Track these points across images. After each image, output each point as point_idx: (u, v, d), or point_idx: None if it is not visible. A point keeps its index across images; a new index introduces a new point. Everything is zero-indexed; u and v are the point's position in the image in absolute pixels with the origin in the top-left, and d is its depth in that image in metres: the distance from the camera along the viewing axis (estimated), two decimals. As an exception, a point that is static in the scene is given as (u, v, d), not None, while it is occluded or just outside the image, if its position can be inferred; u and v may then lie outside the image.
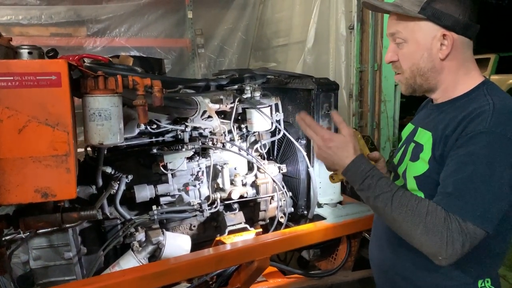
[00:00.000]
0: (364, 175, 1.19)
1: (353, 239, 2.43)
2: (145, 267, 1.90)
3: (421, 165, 1.26)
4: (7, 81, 1.36)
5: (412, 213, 1.11)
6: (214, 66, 4.95)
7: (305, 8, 4.13)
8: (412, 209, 1.12)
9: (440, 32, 1.21)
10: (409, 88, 1.32)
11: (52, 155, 1.44)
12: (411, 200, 1.13)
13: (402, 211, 1.13)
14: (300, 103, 2.45)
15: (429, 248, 1.10)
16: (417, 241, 1.12)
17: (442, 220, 1.08)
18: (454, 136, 1.16)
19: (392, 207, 1.14)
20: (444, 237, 1.07)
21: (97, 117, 1.60)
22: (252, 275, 2.08)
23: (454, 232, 1.06)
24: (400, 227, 1.15)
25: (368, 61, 3.36)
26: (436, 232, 1.07)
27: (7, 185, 1.39)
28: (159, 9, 4.65)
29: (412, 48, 1.25)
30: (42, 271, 1.93)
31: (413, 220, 1.11)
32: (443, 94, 1.30)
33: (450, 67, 1.25)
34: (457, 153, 1.14)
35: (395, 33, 1.27)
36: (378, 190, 1.17)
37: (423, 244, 1.11)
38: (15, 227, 1.58)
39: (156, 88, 1.74)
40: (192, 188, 2.25)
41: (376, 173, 1.20)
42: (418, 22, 1.23)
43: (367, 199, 1.21)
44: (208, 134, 2.32)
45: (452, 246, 1.06)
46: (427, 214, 1.10)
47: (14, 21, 4.07)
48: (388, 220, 1.18)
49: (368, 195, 1.19)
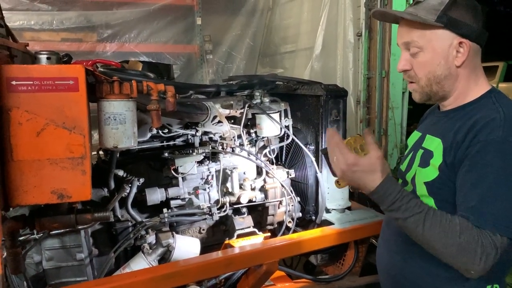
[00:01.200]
0: (393, 198, 1.19)
1: (360, 245, 2.45)
2: (156, 269, 1.93)
3: (432, 171, 1.27)
4: (27, 86, 1.40)
5: (445, 234, 1.14)
6: (222, 72, 4.99)
7: (313, 15, 4.16)
8: (445, 229, 1.14)
9: (457, 40, 1.23)
10: (424, 96, 1.33)
11: (68, 157, 1.47)
12: (442, 220, 1.16)
13: (435, 232, 1.15)
14: (308, 109, 2.48)
15: (463, 265, 1.14)
16: (450, 259, 1.15)
17: (476, 238, 1.10)
18: (465, 143, 1.18)
19: (424, 228, 1.16)
20: (478, 254, 1.10)
21: (112, 121, 1.64)
22: (260, 279, 2.10)
23: (487, 247, 1.09)
24: (433, 247, 1.18)
25: (376, 68, 3.39)
26: (471, 250, 1.10)
27: (25, 186, 1.42)
28: (168, 15, 4.70)
29: (428, 56, 1.27)
30: (54, 272, 1.97)
31: (447, 241, 1.14)
32: (454, 101, 1.32)
33: (463, 74, 1.28)
34: (471, 163, 1.16)
35: (410, 42, 1.29)
36: (408, 212, 1.18)
37: (457, 262, 1.14)
38: (30, 228, 1.61)
39: (169, 93, 1.77)
40: (202, 191, 2.28)
41: (405, 194, 1.20)
42: (434, 31, 1.24)
43: (397, 220, 1.22)
44: (218, 139, 2.36)
45: (486, 261, 1.10)
46: (461, 233, 1.12)
47: (26, 26, 4.12)
48: (420, 240, 1.20)
49: (398, 216, 1.20)
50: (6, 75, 1.37)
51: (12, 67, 1.39)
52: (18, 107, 1.39)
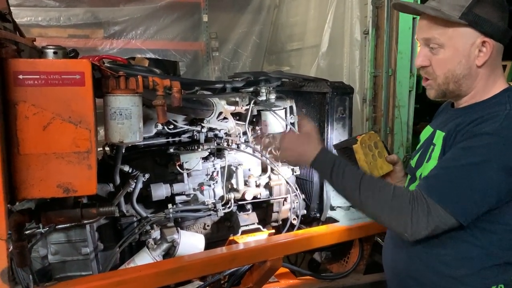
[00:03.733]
0: (331, 165, 1.27)
1: (365, 243, 2.44)
2: (160, 264, 1.94)
3: (433, 164, 1.26)
4: (34, 80, 1.40)
5: (378, 197, 1.19)
6: (228, 69, 4.98)
7: (320, 13, 4.15)
8: (378, 193, 1.19)
9: (480, 39, 1.19)
10: (439, 94, 1.30)
11: (74, 151, 1.48)
12: (377, 185, 1.21)
13: (369, 195, 1.20)
14: (314, 106, 2.47)
15: (395, 227, 1.19)
16: (384, 222, 1.21)
17: (407, 202, 1.14)
18: (461, 132, 1.18)
19: (360, 192, 1.21)
20: (408, 217, 1.13)
21: (118, 116, 1.64)
22: (265, 275, 2.10)
23: (419, 212, 1.13)
24: (367, 210, 1.24)
25: (383, 66, 3.36)
26: (401, 213, 1.15)
27: (31, 180, 1.43)
28: (175, 12, 4.70)
29: (448, 54, 1.22)
30: (59, 266, 1.98)
31: (379, 203, 1.19)
32: (470, 99, 1.28)
33: (483, 74, 1.24)
34: (457, 146, 1.17)
35: (431, 39, 1.24)
36: (346, 178, 1.25)
37: (390, 225, 1.21)
38: (36, 221, 1.62)
39: (175, 89, 1.78)
40: (207, 188, 2.29)
41: (342, 162, 1.27)
42: (457, 28, 1.20)
43: (337, 187, 1.29)
44: (224, 135, 2.36)
45: (416, 225, 1.13)
46: (393, 197, 1.17)
47: (33, 22, 4.14)
48: (357, 205, 1.27)
49: (337, 183, 1.27)
50: (13, 69, 1.37)
51: (19, 61, 1.39)
52: (25, 101, 1.39)
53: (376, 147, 1.44)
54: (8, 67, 1.36)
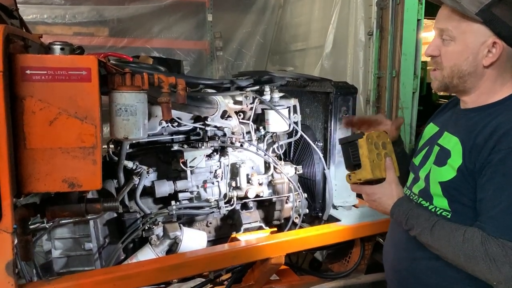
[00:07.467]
0: (405, 217, 1.29)
1: (367, 242, 2.45)
2: (163, 259, 1.95)
3: (448, 171, 1.25)
4: (41, 75, 1.42)
5: (450, 243, 1.18)
6: (232, 69, 5.00)
7: (324, 14, 4.16)
8: (450, 239, 1.18)
9: (492, 39, 1.17)
10: (442, 86, 1.30)
11: (80, 146, 1.49)
12: (448, 230, 1.19)
13: (442, 244, 1.20)
14: (318, 106, 2.48)
15: (480, 275, 1.14)
16: (467, 269, 1.17)
17: (479, 245, 1.11)
18: (485, 150, 1.16)
19: (433, 240, 1.22)
20: (487, 263, 1.10)
21: (123, 112, 1.66)
22: (266, 273, 2.11)
23: (496, 256, 1.08)
24: (447, 258, 1.22)
25: (386, 68, 3.36)
26: (477, 258, 1.11)
27: (37, 174, 1.45)
28: (179, 11, 4.72)
29: (458, 48, 1.22)
30: (63, 261, 1.99)
31: (453, 250, 1.17)
32: (476, 99, 1.27)
33: (490, 75, 1.23)
34: (492, 172, 1.14)
35: (445, 30, 1.23)
36: (419, 227, 1.25)
37: (473, 271, 1.16)
38: (41, 216, 1.64)
39: (180, 86, 1.79)
40: (210, 185, 2.29)
41: (415, 212, 1.28)
42: (471, 24, 1.18)
43: (418, 237, 1.28)
44: (227, 133, 2.37)
45: (499, 271, 1.09)
46: (464, 242, 1.14)
47: (39, 19, 4.17)
48: (434, 251, 1.26)
49: (415, 234, 1.28)
50: (21, 64, 1.39)
51: (26, 57, 1.41)
52: (32, 96, 1.41)
53: (384, 148, 1.38)
54: (16, 62, 1.38)
